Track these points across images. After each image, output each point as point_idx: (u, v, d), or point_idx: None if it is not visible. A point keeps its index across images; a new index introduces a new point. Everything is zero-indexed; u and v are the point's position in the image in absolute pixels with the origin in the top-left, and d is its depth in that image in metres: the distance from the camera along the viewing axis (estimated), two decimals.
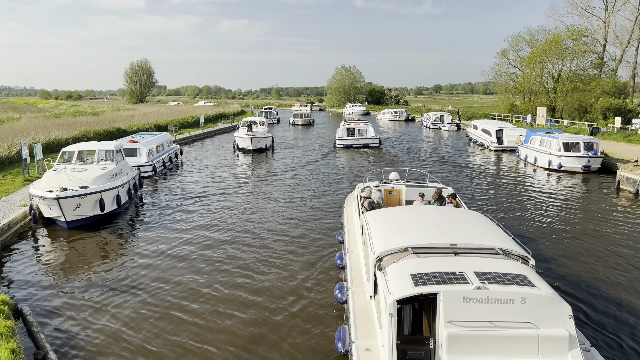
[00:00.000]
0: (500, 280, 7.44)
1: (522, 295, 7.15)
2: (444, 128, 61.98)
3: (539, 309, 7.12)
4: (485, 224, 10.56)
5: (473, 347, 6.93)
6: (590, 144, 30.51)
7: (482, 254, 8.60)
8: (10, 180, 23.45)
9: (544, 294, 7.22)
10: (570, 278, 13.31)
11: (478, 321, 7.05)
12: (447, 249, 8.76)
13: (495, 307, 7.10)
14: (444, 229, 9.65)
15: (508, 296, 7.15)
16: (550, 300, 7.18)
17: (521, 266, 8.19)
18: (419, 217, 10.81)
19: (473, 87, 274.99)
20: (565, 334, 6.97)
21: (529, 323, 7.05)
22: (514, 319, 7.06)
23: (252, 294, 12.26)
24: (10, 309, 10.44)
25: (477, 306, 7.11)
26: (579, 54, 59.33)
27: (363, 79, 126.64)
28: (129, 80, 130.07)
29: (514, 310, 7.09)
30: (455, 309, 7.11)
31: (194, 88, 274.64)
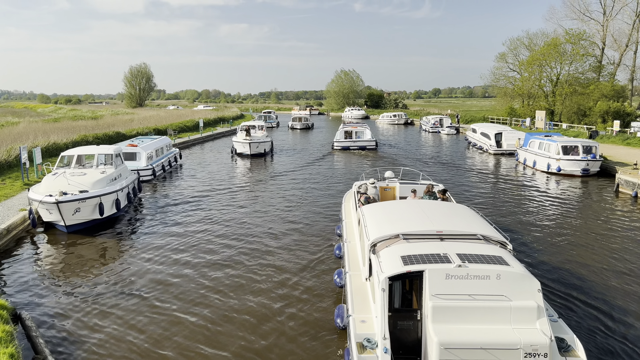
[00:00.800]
0: (478, 260, 8.62)
1: (497, 272, 8.26)
2: (443, 132, 62.04)
3: (512, 284, 8.22)
4: (469, 214, 11.79)
5: (454, 317, 8.02)
6: (589, 147, 30.56)
7: (464, 239, 9.84)
8: (10, 185, 23.44)
9: (516, 271, 8.36)
10: (569, 279, 13.32)
11: (459, 294, 8.15)
12: (433, 235, 9.95)
13: (474, 282, 8.23)
14: (431, 219, 10.87)
15: (485, 273, 8.26)
16: (522, 277, 8.29)
17: (499, 249, 9.37)
18: (410, 209, 12.04)
19: (472, 91, 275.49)
20: (534, 305, 8.06)
21: (503, 296, 8.15)
22: (490, 292, 8.16)
23: (254, 285, 12.95)
24: (9, 313, 10.43)
25: (458, 282, 8.22)
26: (577, 57, 59.48)
27: (362, 83, 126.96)
28: (128, 85, 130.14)
29: (490, 285, 8.21)
30: (439, 284, 8.20)
31: (193, 92, 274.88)
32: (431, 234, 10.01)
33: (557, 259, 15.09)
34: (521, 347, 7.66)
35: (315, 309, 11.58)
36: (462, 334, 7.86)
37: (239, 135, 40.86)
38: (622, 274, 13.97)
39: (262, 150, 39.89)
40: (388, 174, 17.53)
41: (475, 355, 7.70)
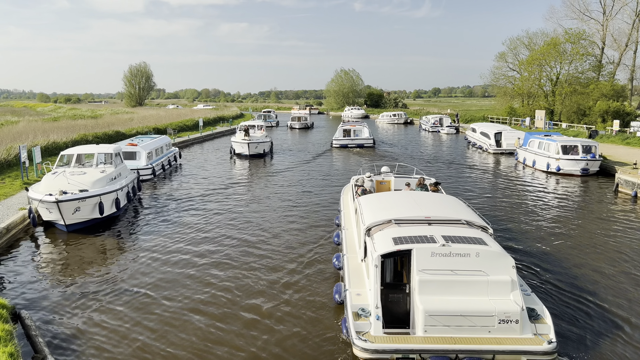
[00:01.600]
0: (460, 241, 9.86)
1: (477, 251, 9.54)
2: (443, 131, 62.04)
3: (489, 261, 9.51)
4: (456, 203, 13.11)
5: (438, 289, 9.35)
6: (589, 146, 30.58)
7: (449, 224, 11.08)
8: (9, 184, 23.43)
9: (493, 250, 9.65)
10: (565, 274, 13.35)
11: (442, 270, 9.44)
12: (422, 220, 11.21)
13: (456, 260, 9.51)
14: (421, 207, 12.14)
15: (466, 251, 9.53)
16: (498, 255, 9.62)
17: (480, 232, 10.68)
18: (402, 198, 13.43)
19: (472, 90, 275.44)
20: (509, 279, 9.41)
21: (481, 271, 9.47)
22: (469, 268, 9.46)
23: (258, 272, 13.80)
24: (9, 312, 10.43)
25: (442, 259, 9.50)
26: (577, 57, 59.48)
27: (362, 82, 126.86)
28: (127, 84, 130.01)
29: (470, 262, 9.50)
30: (425, 261, 9.49)
31: (193, 91, 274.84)
32: (420, 219, 11.27)
33: (556, 257, 15.10)
34: (495, 315, 9.04)
35: (316, 288, 12.80)
36: (445, 303, 9.17)
37: (237, 135, 40.11)
38: (620, 272, 13.98)
39: (262, 151, 38.89)
40: (384, 169, 18.76)
41: (456, 322, 9.07)
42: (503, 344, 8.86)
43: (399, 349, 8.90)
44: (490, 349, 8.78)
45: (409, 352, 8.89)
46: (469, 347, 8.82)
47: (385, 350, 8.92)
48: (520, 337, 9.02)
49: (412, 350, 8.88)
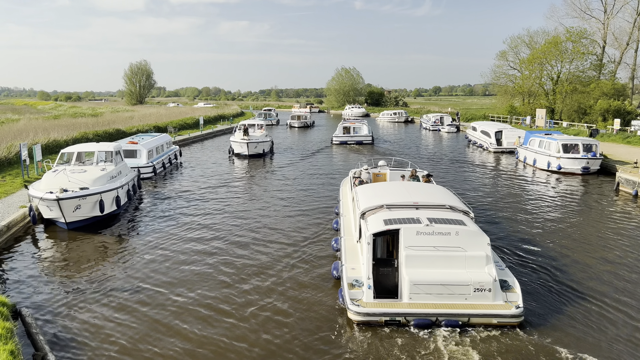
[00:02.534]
0: (442, 222, 11.29)
1: (456, 230, 11.05)
2: (444, 130, 62.01)
3: (467, 239, 11.01)
4: (444, 192, 14.62)
5: (422, 263, 10.83)
6: (590, 145, 30.55)
7: (435, 208, 12.46)
8: (10, 182, 23.44)
9: (471, 229, 11.19)
10: (565, 272, 13.35)
11: (426, 246, 10.93)
12: (410, 205, 12.66)
13: (438, 237, 10.98)
14: (411, 194, 13.67)
15: (447, 231, 11.03)
16: (475, 233, 11.15)
17: (461, 215, 12.15)
18: (395, 187, 15.25)
19: (472, 89, 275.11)
20: (484, 254, 10.87)
21: (460, 248, 10.94)
22: (450, 245, 10.95)
23: (261, 259, 14.77)
24: (9, 310, 10.44)
25: (426, 237, 10.99)
26: (578, 55, 59.39)
27: (362, 81, 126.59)
28: (128, 82, 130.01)
29: (450, 239, 10.99)
30: (411, 239, 10.99)
31: (194, 89, 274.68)
32: (409, 204, 12.72)
33: (554, 252, 15.11)
34: (471, 284, 10.51)
35: (317, 266, 14.21)
36: (428, 275, 10.62)
37: (236, 134, 38.73)
38: (619, 270, 13.98)
39: (261, 151, 37.77)
40: (381, 163, 20.39)
41: (437, 290, 10.48)
42: (477, 309, 10.33)
43: (387, 312, 10.39)
44: (465, 312, 10.28)
45: (395, 315, 10.40)
46: (448, 311, 10.30)
47: (375, 313, 10.36)
48: (492, 303, 10.50)
49: (398, 314, 10.41)
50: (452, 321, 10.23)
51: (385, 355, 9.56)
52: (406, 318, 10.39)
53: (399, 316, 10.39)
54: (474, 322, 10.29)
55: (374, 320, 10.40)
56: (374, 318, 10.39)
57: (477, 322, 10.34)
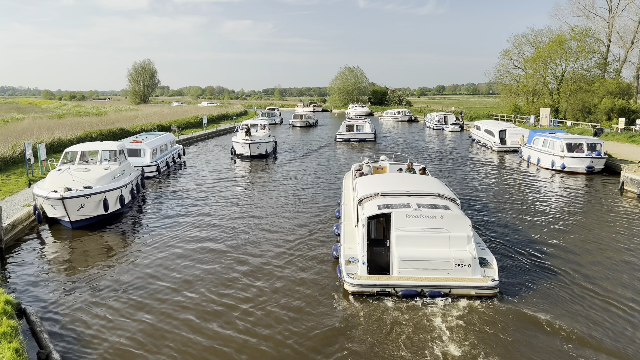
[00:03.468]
0: (430, 207, 12.71)
1: (442, 214, 12.46)
2: (447, 129, 61.91)
3: (451, 221, 12.41)
4: (435, 182, 15.88)
5: (410, 242, 12.28)
6: (594, 144, 30.43)
7: (425, 196, 13.75)
8: (14, 181, 23.53)
9: (454, 213, 12.61)
10: (568, 271, 13.31)
11: (414, 228, 12.35)
12: (403, 193, 13.94)
13: (425, 220, 12.41)
14: (404, 184, 14.97)
15: (433, 214, 12.45)
16: (458, 217, 12.55)
17: (448, 202, 13.46)
18: (391, 178, 16.82)
19: (476, 88, 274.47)
20: (465, 235, 12.28)
21: (444, 229, 12.35)
22: (435, 227, 12.35)
23: (265, 246, 15.74)
24: (14, 308, 10.48)
25: (414, 220, 12.42)
26: (582, 54, 59.16)
27: (366, 80, 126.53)
28: (132, 81, 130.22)
29: (436, 222, 12.38)
30: (401, 221, 12.41)
31: (197, 89, 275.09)
32: (401, 192, 13.99)
33: (560, 255, 15.07)
34: (453, 260, 11.96)
35: (319, 248, 15.65)
36: (415, 252, 12.07)
37: (238, 134, 37.58)
38: (623, 270, 13.94)
39: (264, 151, 36.67)
40: (382, 157, 21.92)
41: (423, 265, 11.98)
42: (457, 281, 11.80)
43: (378, 284, 11.88)
44: (447, 284, 11.76)
45: (385, 286, 11.85)
46: (431, 283, 11.78)
47: (367, 285, 11.85)
48: (471, 277, 11.93)
49: (388, 285, 11.86)
50: (435, 292, 11.77)
51: (376, 320, 10.94)
52: (395, 289, 11.86)
53: (388, 287, 11.88)
54: (454, 293, 11.81)
55: (367, 290, 11.91)
56: (366, 289, 11.90)
57: (458, 293, 11.83)
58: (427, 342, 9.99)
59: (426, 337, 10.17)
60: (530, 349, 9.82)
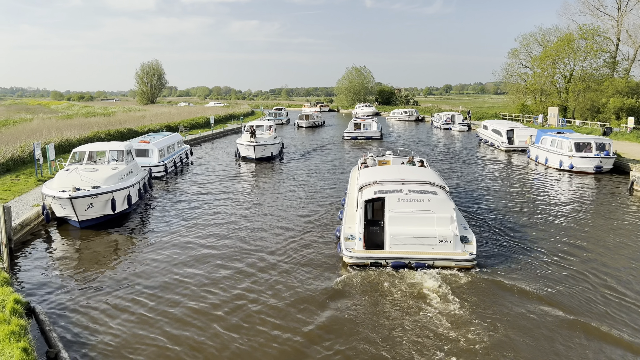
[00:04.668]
0: (419, 192, 14.54)
1: (429, 198, 14.27)
2: (455, 128, 61.68)
3: (437, 204, 14.19)
4: (429, 172, 17.75)
5: (401, 222, 14.08)
6: (603, 144, 30.20)
7: (417, 183, 15.43)
8: (24, 181, 23.73)
9: (440, 197, 14.38)
10: (577, 272, 13.24)
11: (405, 210, 14.21)
12: (398, 181, 15.68)
13: (414, 203, 14.23)
14: (401, 174, 16.76)
15: (421, 198, 14.26)
16: (443, 201, 14.37)
17: (437, 188, 15.14)
18: (389, 169, 18.89)
19: (484, 87, 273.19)
20: (448, 216, 14.03)
21: (431, 211, 14.14)
22: (423, 209, 14.16)
23: (275, 230, 16.03)
24: (23, 307, 10.57)
25: (405, 203, 14.26)
26: (591, 53, 58.69)
27: (373, 79, 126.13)
28: (140, 81, 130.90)
29: (423, 205, 14.19)
30: (394, 204, 14.29)
31: (204, 89, 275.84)
32: (397, 180, 15.75)
33: (568, 255, 14.97)
34: (436, 237, 13.79)
35: (325, 230, 17.72)
36: (405, 230, 13.95)
37: (243, 136, 36.34)
38: (630, 271, 13.84)
39: (269, 154, 35.53)
40: (388, 152, 23.84)
41: (411, 241, 13.85)
42: (440, 255, 13.63)
43: (372, 256, 13.81)
44: (431, 257, 13.61)
45: (378, 259, 13.78)
46: (417, 256, 13.65)
47: (363, 257, 13.81)
48: (453, 251, 13.71)
49: (381, 258, 13.78)
50: (420, 263, 13.60)
51: (369, 284, 12.92)
52: (386, 261, 13.77)
53: (380, 259, 13.78)
54: (437, 264, 13.63)
55: (362, 262, 13.84)
56: (361, 261, 13.83)
57: (440, 265, 13.64)
58: (410, 302, 11.91)
59: (410, 298, 12.12)
60: (501, 307, 11.65)
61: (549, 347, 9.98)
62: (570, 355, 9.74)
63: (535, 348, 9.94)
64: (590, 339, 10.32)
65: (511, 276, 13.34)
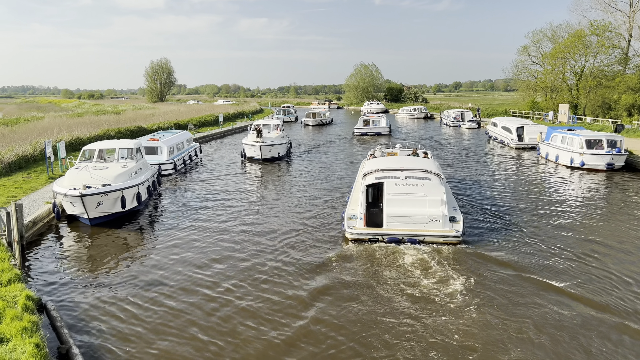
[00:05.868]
0: (414, 178, 16.45)
1: (422, 183, 16.16)
2: (464, 125, 61.37)
3: (429, 189, 16.03)
4: (428, 162, 19.42)
5: (397, 204, 16.00)
6: (614, 141, 29.90)
7: (414, 171, 17.15)
8: (35, 178, 23.94)
9: (432, 183, 16.23)
10: (584, 270, 13.14)
11: (401, 193, 16.05)
12: (397, 169, 17.40)
13: (409, 187, 16.11)
14: (401, 163, 18.50)
15: (416, 183, 16.16)
16: (435, 185, 16.15)
17: (432, 175, 16.84)
18: (392, 159, 20.43)
19: (493, 84, 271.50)
20: (439, 198, 15.81)
21: (423, 194, 15.93)
22: (417, 192, 16.00)
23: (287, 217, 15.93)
24: (35, 303, 10.66)
25: (401, 187, 16.17)
26: (602, 49, 58.07)
27: (382, 77, 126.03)
28: (149, 80, 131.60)
29: (417, 189, 16.07)
30: (392, 188, 16.20)
31: (213, 87, 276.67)
32: (396, 168, 17.47)
33: (579, 253, 14.86)
34: (427, 216, 15.65)
35: (333, 213, 19.98)
36: (400, 210, 15.86)
37: (249, 136, 34.77)
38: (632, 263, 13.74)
39: (276, 154, 34.11)
40: (398, 145, 25.83)
41: (405, 220, 15.75)
42: (430, 232, 15.52)
43: (370, 233, 15.86)
44: (422, 234, 15.54)
45: (376, 235, 15.81)
46: (410, 232, 15.59)
47: (362, 233, 15.88)
48: (441, 229, 15.58)
49: (378, 234, 15.80)
50: (412, 239, 15.53)
51: (367, 255, 14.89)
52: (383, 237, 15.74)
53: (378, 235, 15.80)
54: (427, 240, 15.53)
55: (362, 238, 15.90)
56: (361, 236, 15.90)
57: (430, 240, 15.53)
58: (402, 269, 13.84)
59: (402, 267, 14.04)
60: (481, 273, 13.59)
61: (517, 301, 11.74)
62: (528, 302, 11.97)
63: (495, 292, 12.47)
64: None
65: (498, 253, 14.98)
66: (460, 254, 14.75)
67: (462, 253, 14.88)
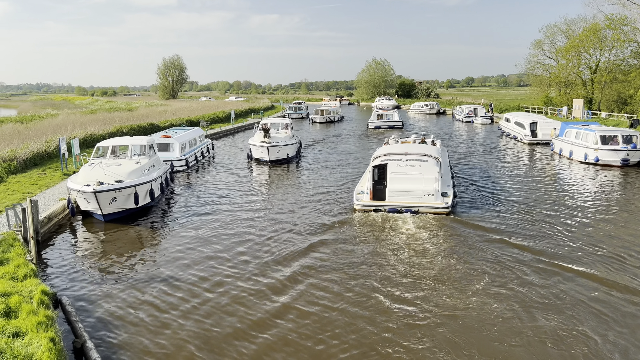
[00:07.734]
0: (414, 159, 19.71)
1: (420, 164, 19.28)
2: (477, 121, 60.88)
3: (426, 168, 19.04)
4: (431, 148, 22.43)
5: (398, 181, 18.95)
6: (630, 136, 29.47)
7: (416, 155, 20.34)
8: (50, 175, 24.24)
9: (429, 164, 19.28)
10: (597, 269, 13.00)
11: (402, 173, 19.06)
12: (402, 154, 20.60)
13: (409, 168, 19.18)
14: (407, 149, 21.65)
15: (415, 164, 19.26)
16: (431, 166, 19.19)
17: (430, 159, 19.84)
18: (400, 145, 23.65)
19: (506, 79, 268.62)
20: (433, 177, 18.68)
21: (420, 173, 18.86)
22: (415, 172, 18.98)
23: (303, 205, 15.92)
24: (50, 298, 10.81)
25: (402, 167, 19.26)
26: (617, 43, 57.10)
27: (393, 72, 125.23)
28: (161, 77, 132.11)
29: (415, 169, 19.10)
30: (394, 169, 19.27)
31: (225, 83, 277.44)
32: (401, 153, 20.71)
33: (593, 251, 14.71)
34: (422, 191, 18.56)
35: (348, 193, 22.82)
36: (400, 186, 18.84)
37: (256, 136, 31.99)
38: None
39: (285, 155, 31.56)
40: (413, 135, 27.59)
41: (403, 194, 18.72)
42: (424, 204, 18.51)
43: (374, 204, 18.91)
44: (417, 205, 18.55)
45: (379, 206, 18.82)
46: (407, 205, 18.61)
47: (367, 205, 18.96)
48: (434, 202, 18.50)
49: (380, 205, 18.82)
50: (409, 210, 18.56)
51: (371, 221, 17.97)
52: (384, 208, 18.78)
53: (380, 207, 18.84)
54: (422, 210, 18.52)
55: (367, 208, 18.98)
56: (367, 208, 18.99)
57: (423, 211, 18.50)
58: (399, 233, 16.72)
59: (399, 231, 16.96)
60: (462, 239, 16.21)
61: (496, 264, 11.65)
62: (504, 261, 14.48)
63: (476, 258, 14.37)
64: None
65: (484, 223, 18.15)
66: (448, 223, 17.62)
67: (450, 222, 17.71)
